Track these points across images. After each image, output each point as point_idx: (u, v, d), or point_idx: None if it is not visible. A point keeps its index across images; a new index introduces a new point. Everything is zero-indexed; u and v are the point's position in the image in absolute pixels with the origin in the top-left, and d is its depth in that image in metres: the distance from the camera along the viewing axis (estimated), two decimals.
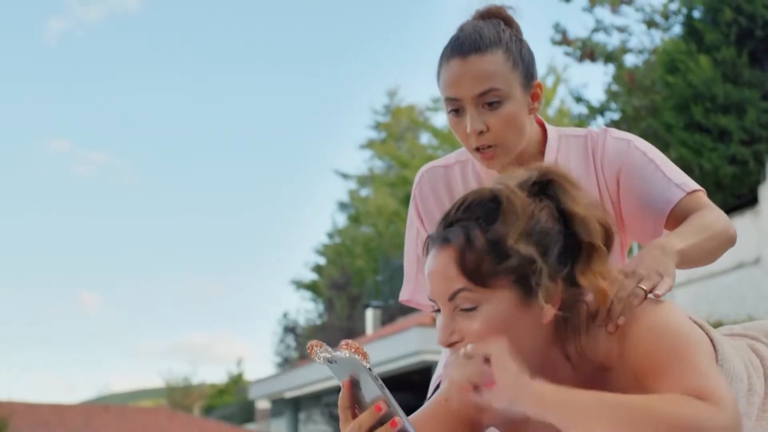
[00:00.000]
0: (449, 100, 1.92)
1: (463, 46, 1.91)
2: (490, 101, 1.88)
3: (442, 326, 1.45)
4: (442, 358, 2.30)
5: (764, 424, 1.56)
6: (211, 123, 63.25)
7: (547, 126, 2.06)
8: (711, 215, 1.86)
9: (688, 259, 1.77)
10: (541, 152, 2.03)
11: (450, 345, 1.45)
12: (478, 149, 1.94)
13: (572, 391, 1.36)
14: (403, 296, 2.22)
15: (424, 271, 1.53)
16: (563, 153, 2.04)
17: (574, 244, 1.45)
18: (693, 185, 1.94)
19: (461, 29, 1.96)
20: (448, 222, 1.48)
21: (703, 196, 1.93)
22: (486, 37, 1.92)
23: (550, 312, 1.43)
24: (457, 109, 1.92)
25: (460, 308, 1.43)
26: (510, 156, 1.95)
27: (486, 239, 1.43)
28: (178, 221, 65.16)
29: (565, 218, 1.45)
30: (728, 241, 1.87)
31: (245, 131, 63.69)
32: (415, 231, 2.16)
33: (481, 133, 1.90)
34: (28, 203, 64.60)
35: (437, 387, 2.25)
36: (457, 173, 2.11)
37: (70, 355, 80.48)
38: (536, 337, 1.45)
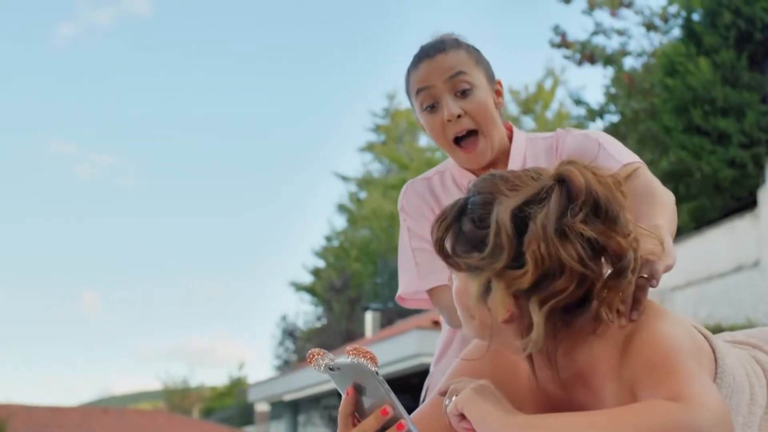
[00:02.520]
0: (423, 92, 2.08)
1: (428, 50, 2.11)
2: (462, 89, 2.06)
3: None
4: (434, 361, 2.33)
5: None
6: (212, 126, 63.31)
7: (515, 129, 2.18)
8: (663, 190, 1.95)
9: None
10: (508, 151, 2.15)
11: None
12: (456, 142, 2.08)
13: (546, 418, 1.37)
14: (406, 290, 2.23)
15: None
16: (530, 154, 2.16)
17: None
18: (634, 159, 2.03)
19: (420, 47, 2.15)
20: (471, 185, 1.55)
21: (645, 170, 2.01)
22: (448, 41, 2.12)
23: (498, 315, 1.45)
24: (432, 105, 2.07)
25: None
26: (488, 146, 2.09)
27: (460, 226, 1.50)
28: (180, 223, 65.23)
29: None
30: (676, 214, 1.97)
31: (246, 134, 63.80)
32: (406, 240, 2.23)
33: (459, 117, 2.04)
34: (32, 204, 64.64)
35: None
36: (437, 183, 2.23)
37: (70, 357, 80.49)
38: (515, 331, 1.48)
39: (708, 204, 12.43)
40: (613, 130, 14.61)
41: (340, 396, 1.55)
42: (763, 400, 1.59)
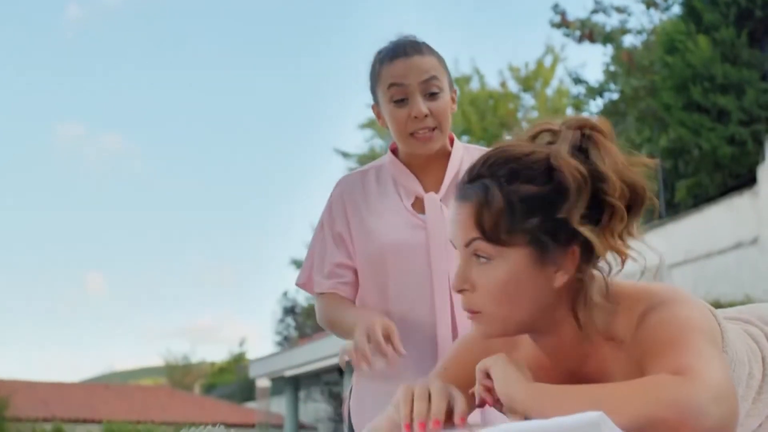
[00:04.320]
0: (397, 87, 2.27)
1: (406, 48, 2.29)
2: (431, 91, 2.26)
3: (457, 272, 1.51)
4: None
5: (760, 406, 1.60)
6: (216, 107, 63.17)
7: (454, 136, 2.41)
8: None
9: None
10: (447, 155, 2.37)
11: (460, 291, 1.51)
12: (413, 135, 2.27)
13: (551, 389, 1.40)
14: (298, 280, 2.43)
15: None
16: (466, 159, 2.36)
17: (597, 205, 1.45)
18: None
19: (395, 42, 2.33)
20: (472, 176, 1.53)
21: None
22: (423, 44, 2.32)
23: (562, 277, 1.47)
24: (401, 99, 2.26)
25: (477, 255, 1.49)
26: (439, 141, 2.31)
27: (504, 198, 1.47)
28: (184, 204, 65.17)
29: (592, 177, 1.45)
30: None
31: (247, 113, 63.59)
32: (320, 227, 2.41)
33: (426, 116, 2.25)
34: (40, 184, 64.53)
35: None
36: (372, 178, 2.42)
37: (75, 335, 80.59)
38: (546, 297, 1.49)
39: (707, 181, 12.44)
40: (612, 107, 14.62)
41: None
42: (759, 373, 1.61)
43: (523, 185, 1.47)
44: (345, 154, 30.46)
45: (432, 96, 2.27)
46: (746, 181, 11.44)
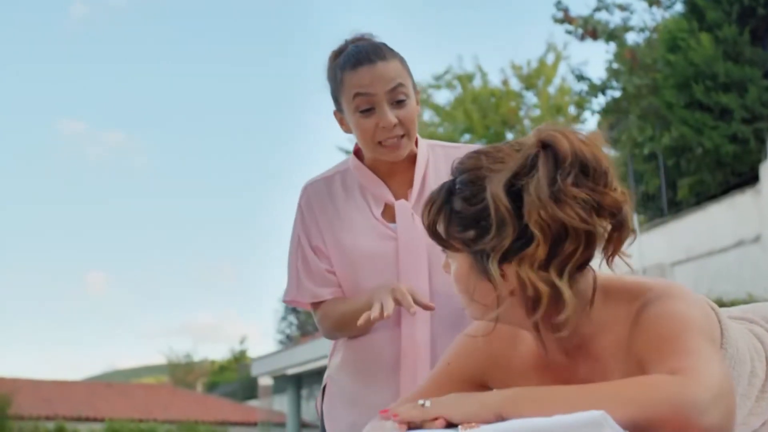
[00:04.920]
0: (362, 97, 2.19)
1: (369, 55, 2.21)
2: (398, 99, 2.20)
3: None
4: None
5: (763, 405, 1.59)
6: (218, 106, 63.21)
7: (418, 136, 2.34)
8: None
9: None
10: (413, 158, 2.32)
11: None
12: (381, 143, 2.22)
13: (538, 390, 1.40)
14: (287, 297, 2.38)
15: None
16: (432, 159, 2.34)
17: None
18: None
19: (356, 47, 2.25)
20: (456, 165, 1.55)
21: None
22: (385, 49, 2.24)
23: (507, 287, 1.47)
24: (368, 109, 2.19)
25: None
26: (408, 147, 2.26)
27: (444, 206, 1.52)
28: (187, 202, 65.23)
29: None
30: None
31: (249, 112, 63.66)
32: (297, 239, 2.35)
33: (394, 126, 2.18)
34: (41, 182, 64.64)
35: None
36: (338, 182, 2.36)
37: (77, 333, 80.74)
38: (503, 299, 1.48)
39: (709, 179, 12.43)
40: (614, 105, 14.61)
41: None
42: (762, 372, 1.61)
43: (458, 200, 1.50)
44: (347, 152, 30.49)
45: (399, 104, 2.21)
46: (748, 179, 11.43)
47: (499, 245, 1.43)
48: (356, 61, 2.21)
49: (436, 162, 2.35)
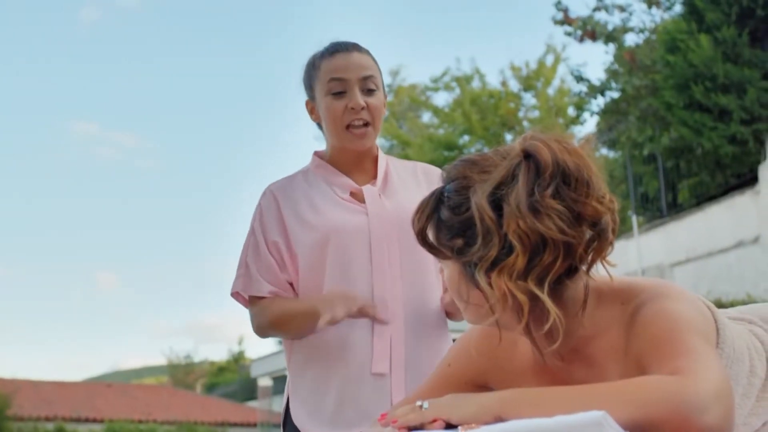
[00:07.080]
0: (337, 81, 2.35)
1: (346, 45, 2.39)
2: (369, 87, 2.36)
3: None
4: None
5: (764, 404, 1.59)
6: (228, 107, 63.22)
7: (377, 145, 2.48)
8: None
9: None
10: (375, 159, 2.45)
11: None
12: (349, 127, 2.35)
13: (532, 391, 1.40)
14: (233, 289, 2.40)
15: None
16: (391, 168, 2.46)
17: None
18: None
19: (334, 41, 2.42)
20: (445, 173, 1.56)
21: None
22: (360, 46, 2.42)
23: (492, 298, 1.46)
24: (341, 92, 2.34)
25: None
26: (372, 137, 2.39)
27: (432, 213, 1.53)
28: (188, 202, 65.22)
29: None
30: None
31: (256, 114, 63.73)
32: (252, 234, 2.39)
33: (362, 109, 2.33)
34: (52, 182, 64.67)
35: None
36: (300, 180, 2.44)
37: (84, 333, 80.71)
38: (495, 305, 1.48)
39: (709, 180, 12.44)
40: (614, 106, 14.62)
41: None
42: (763, 372, 1.61)
43: (445, 209, 1.51)
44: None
45: (369, 92, 2.36)
46: (748, 180, 11.45)
47: (486, 255, 1.43)
48: (334, 49, 2.39)
49: (396, 167, 2.49)
